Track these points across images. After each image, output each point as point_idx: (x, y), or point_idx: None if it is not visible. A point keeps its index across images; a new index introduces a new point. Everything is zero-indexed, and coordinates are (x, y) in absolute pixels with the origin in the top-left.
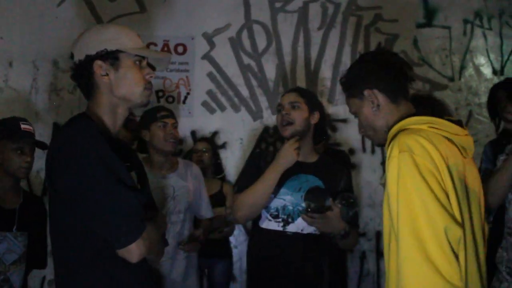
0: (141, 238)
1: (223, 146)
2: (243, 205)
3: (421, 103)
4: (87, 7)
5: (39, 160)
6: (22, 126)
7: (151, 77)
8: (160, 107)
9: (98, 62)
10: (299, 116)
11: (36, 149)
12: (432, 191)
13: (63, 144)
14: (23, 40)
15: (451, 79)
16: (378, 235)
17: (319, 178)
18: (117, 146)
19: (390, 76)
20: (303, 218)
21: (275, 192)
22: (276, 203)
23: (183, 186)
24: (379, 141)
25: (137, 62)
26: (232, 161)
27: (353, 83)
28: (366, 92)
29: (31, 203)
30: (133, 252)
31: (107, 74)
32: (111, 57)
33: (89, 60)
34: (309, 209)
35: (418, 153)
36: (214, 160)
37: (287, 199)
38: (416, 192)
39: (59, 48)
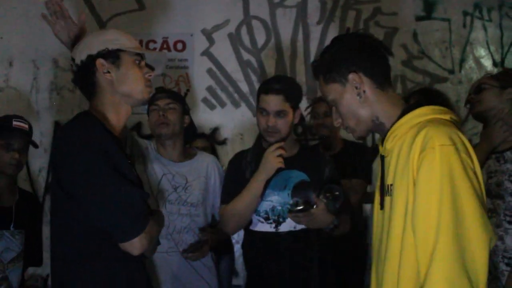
0: (144, 232)
1: (224, 142)
2: (231, 218)
3: (426, 96)
4: (86, 6)
5: (41, 159)
6: (14, 123)
7: (150, 75)
8: (158, 89)
9: (100, 60)
10: (285, 124)
11: (39, 149)
12: (477, 194)
13: (69, 139)
14: (23, 39)
15: (451, 72)
16: None
17: (303, 172)
18: (121, 144)
19: (374, 58)
20: (290, 218)
21: (261, 194)
22: (264, 205)
23: (198, 177)
24: (361, 133)
25: (137, 62)
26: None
27: (334, 66)
28: (350, 76)
29: (26, 200)
30: (136, 245)
31: (109, 72)
32: (113, 55)
33: (91, 59)
34: (295, 208)
35: (461, 148)
36: None
37: (274, 199)
38: (466, 194)
39: (59, 47)
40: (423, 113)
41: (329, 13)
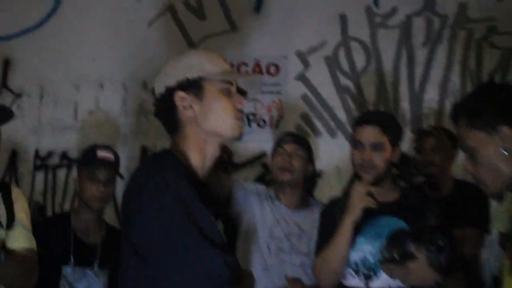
0: None
1: (318, 175)
2: (322, 270)
3: None
4: (177, 27)
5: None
6: (99, 153)
7: (242, 104)
8: (288, 133)
9: (180, 94)
10: (381, 160)
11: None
12: None
13: (145, 187)
14: (113, 61)
15: None
16: (496, 280)
17: (403, 219)
18: (205, 192)
19: None
20: (382, 270)
21: (351, 241)
22: (355, 256)
23: (313, 226)
24: (495, 190)
25: (225, 89)
26: (328, 191)
27: (484, 113)
28: (503, 129)
29: (114, 237)
30: None
31: (191, 106)
32: (194, 86)
33: (170, 92)
34: (388, 259)
35: None
36: None
37: (366, 250)
38: None
39: (148, 70)
40: None
41: (436, 33)
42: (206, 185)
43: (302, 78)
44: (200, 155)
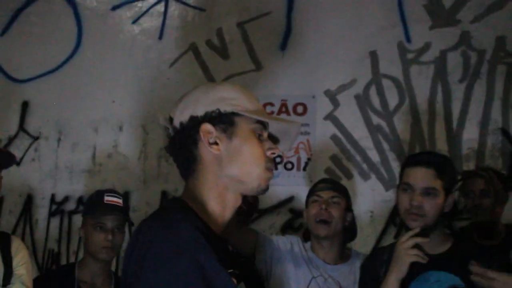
0: None
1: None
2: None
3: None
4: (200, 67)
5: None
6: (106, 198)
7: (275, 153)
8: (324, 179)
9: (207, 126)
10: (433, 207)
11: None
12: None
13: (154, 247)
14: (133, 103)
15: None
16: None
17: (455, 274)
18: (225, 250)
19: None
20: None
21: None
22: None
23: (354, 282)
24: None
25: (257, 132)
26: (361, 240)
27: None
28: None
29: None
30: None
31: (216, 144)
32: (225, 121)
33: (194, 123)
34: None
35: None
36: None
37: None
38: None
39: (169, 111)
40: None
41: (474, 68)
42: (226, 240)
43: (331, 118)
44: (219, 205)
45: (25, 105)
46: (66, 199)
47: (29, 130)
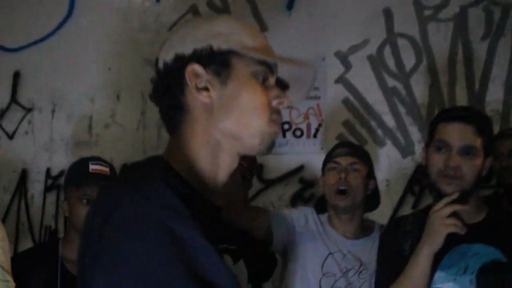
0: None
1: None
2: None
3: None
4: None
5: None
6: (91, 167)
7: (282, 103)
8: (342, 143)
9: (195, 67)
10: (472, 169)
11: None
12: None
13: (113, 217)
14: (131, 70)
15: None
16: None
17: (494, 247)
18: (217, 215)
19: None
20: None
21: (428, 277)
22: None
23: (374, 259)
24: None
25: (260, 76)
26: (376, 210)
27: None
28: None
29: None
30: None
31: (207, 89)
32: (218, 60)
33: (181, 63)
34: None
35: None
36: None
37: (449, 287)
38: None
39: None
40: None
41: (497, 25)
42: (219, 208)
43: (343, 80)
44: (211, 166)
45: (16, 75)
46: (62, 173)
47: (21, 102)
